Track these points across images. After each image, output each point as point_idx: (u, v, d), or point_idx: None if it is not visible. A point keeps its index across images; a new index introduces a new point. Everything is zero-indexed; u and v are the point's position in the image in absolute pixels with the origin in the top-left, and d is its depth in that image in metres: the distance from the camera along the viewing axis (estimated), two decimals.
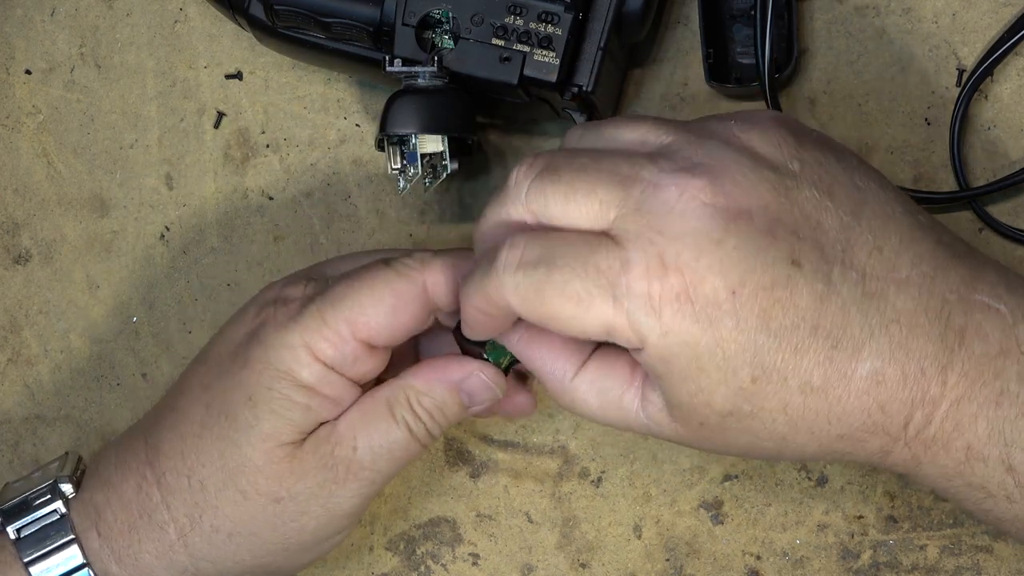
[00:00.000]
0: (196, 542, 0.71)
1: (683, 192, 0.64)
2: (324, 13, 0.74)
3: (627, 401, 0.68)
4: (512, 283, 0.65)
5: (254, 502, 0.71)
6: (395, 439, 0.71)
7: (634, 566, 0.80)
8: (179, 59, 0.83)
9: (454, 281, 0.70)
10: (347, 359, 0.69)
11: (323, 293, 0.70)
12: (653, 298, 0.63)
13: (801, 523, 0.79)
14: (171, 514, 0.71)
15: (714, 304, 0.63)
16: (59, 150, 0.84)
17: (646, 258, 0.63)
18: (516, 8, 0.73)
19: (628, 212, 0.64)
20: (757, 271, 0.63)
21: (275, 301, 0.71)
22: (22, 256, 0.84)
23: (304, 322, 0.69)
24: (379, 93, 0.81)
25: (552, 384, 0.70)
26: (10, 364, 0.84)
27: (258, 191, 0.83)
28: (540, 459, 0.81)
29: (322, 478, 0.70)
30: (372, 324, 0.69)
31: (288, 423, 0.70)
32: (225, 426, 0.70)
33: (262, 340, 0.70)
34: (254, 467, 0.70)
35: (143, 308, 0.83)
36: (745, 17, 0.78)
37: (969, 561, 0.78)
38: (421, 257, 0.70)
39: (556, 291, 0.64)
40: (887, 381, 0.64)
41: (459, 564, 0.81)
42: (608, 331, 0.64)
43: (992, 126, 0.78)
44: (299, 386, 0.69)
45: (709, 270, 0.63)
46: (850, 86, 0.79)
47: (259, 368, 0.70)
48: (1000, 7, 0.78)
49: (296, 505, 0.71)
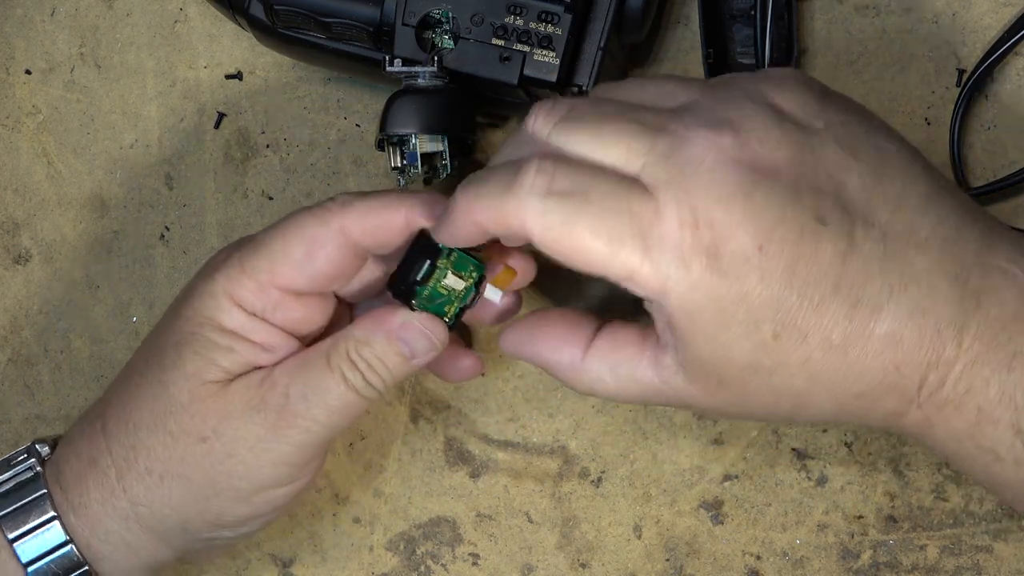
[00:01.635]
0: (132, 485, 0.72)
1: (711, 147, 0.64)
2: (324, 13, 0.74)
3: (641, 371, 0.68)
4: (539, 208, 0.64)
5: (181, 442, 0.71)
6: (329, 387, 0.70)
7: (634, 566, 0.80)
8: (179, 59, 0.83)
9: (379, 223, 0.70)
10: (268, 306, 0.71)
11: (245, 244, 0.71)
12: (684, 250, 0.63)
13: (801, 523, 0.79)
14: (112, 458, 0.72)
15: (742, 259, 0.63)
16: (59, 150, 0.84)
17: (679, 210, 0.63)
18: (516, 8, 0.73)
19: (658, 159, 0.64)
20: (784, 227, 0.64)
21: (214, 258, 0.73)
22: (22, 256, 0.84)
23: (226, 271, 0.71)
24: (379, 93, 0.81)
25: (564, 373, 0.69)
26: (10, 364, 0.84)
27: (258, 191, 0.83)
28: (540, 459, 0.81)
29: (248, 420, 0.70)
30: (288, 272, 0.70)
31: (210, 363, 0.71)
32: (156, 370, 0.71)
33: (193, 290, 0.72)
34: (179, 406, 0.71)
35: (143, 308, 0.83)
36: (745, 17, 0.78)
37: (969, 561, 0.78)
38: (344, 199, 0.70)
39: (587, 227, 0.64)
40: (904, 341, 0.65)
41: (459, 564, 0.81)
42: (631, 276, 0.64)
43: (992, 126, 0.78)
44: (222, 330, 0.71)
45: (739, 226, 0.63)
46: (850, 86, 0.79)
47: (186, 316, 0.71)
48: (1000, 7, 0.78)
49: (223, 446, 0.71)
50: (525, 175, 0.65)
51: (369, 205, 0.70)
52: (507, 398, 0.81)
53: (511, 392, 0.81)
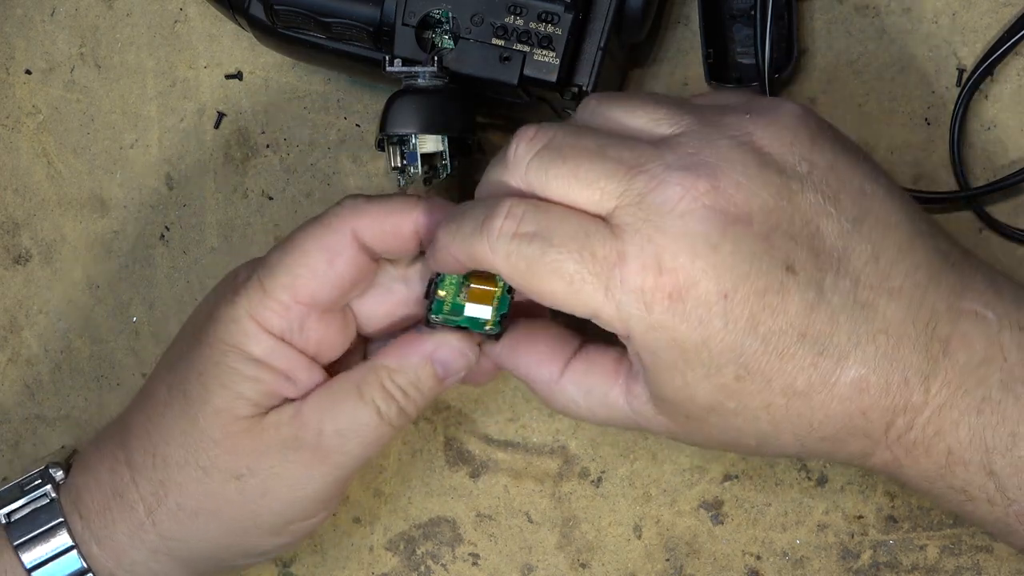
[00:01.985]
0: (163, 520, 0.71)
1: (685, 193, 0.64)
2: (324, 13, 0.74)
3: (613, 397, 0.68)
4: (504, 251, 0.65)
5: (214, 479, 0.70)
6: (364, 421, 0.70)
7: (634, 566, 0.80)
8: (179, 59, 0.83)
9: (388, 223, 0.70)
10: (294, 326, 0.70)
11: (264, 262, 0.70)
12: (645, 293, 0.64)
13: (801, 523, 0.79)
14: (139, 492, 0.71)
15: (705, 305, 0.64)
16: (59, 150, 0.84)
17: (642, 255, 0.64)
18: (516, 8, 0.73)
19: (629, 204, 0.64)
20: (751, 277, 0.64)
21: (230, 279, 0.72)
22: (22, 256, 0.84)
23: (247, 294, 0.69)
24: (379, 93, 0.81)
25: (540, 388, 0.70)
26: (10, 364, 0.84)
27: (258, 191, 0.83)
28: (540, 459, 0.81)
29: (283, 458, 0.70)
30: (310, 284, 0.69)
31: (239, 396, 0.70)
32: (183, 403, 0.70)
33: (214, 318, 0.70)
34: (211, 441, 0.70)
35: (143, 308, 0.83)
36: (745, 17, 0.78)
37: (969, 561, 0.78)
38: (352, 203, 0.70)
39: (548, 269, 0.64)
40: (870, 389, 0.65)
41: (459, 564, 0.81)
42: (595, 315, 0.65)
43: (992, 126, 0.78)
44: (248, 359, 0.69)
45: (703, 273, 0.63)
46: (850, 86, 0.79)
47: (210, 344, 0.70)
48: (1000, 7, 0.78)
49: (258, 483, 0.70)
50: (495, 219, 0.65)
51: (379, 210, 0.70)
52: (507, 398, 0.81)
53: (511, 392, 0.81)
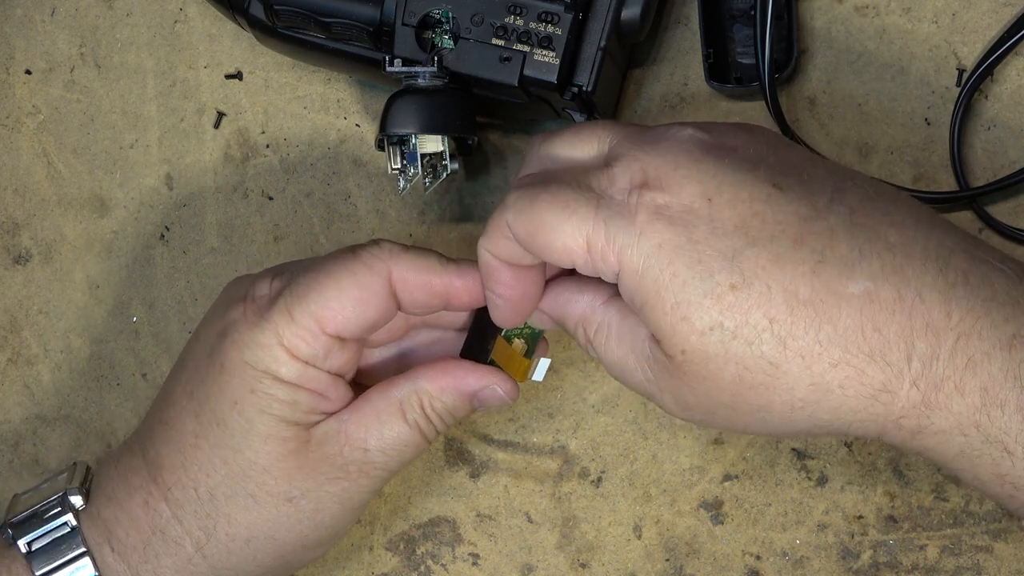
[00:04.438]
0: (214, 553, 0.71)
1: (675, 130, 0.65)
2: (324, 13, 0.74)
3: (640, 332, 0.67)
4: (513, 199, 0.66)
5: (266, 504, 0.70)
6: (407, 440, 0.71)
7: (634, 566, 0.80)
8: (179, 59, 0.83)
9: (421, 277, 0.70)
10: (319, 354, 0.69)
11: (290, 287, 0.70)
12: (631, 204, 0.64)
13: (801, 523, 0.79)
14: (184, 527, 0.71)
15: (689, 210, 0.63)
16: (59, 150, 0.84)
17: (629, 171, 0.64)
18: (516, 8, 0.73)
19: (622, 141, 0.66)
20: (735, 185, 0.63)
21: (244, 299, 0.71)
22: (22, 256, 0.84)
23: (274, 319, 0.69)
24: (379, 93, 0.81)
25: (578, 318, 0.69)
26: (10, 364, 0.84)
27: (258, 191, 0.83)
28: (540, 459, 0.81)
29: (332, 475, 0.71)
30: (339, 318, 0.69)
31: (279, 421, 0.69)
32: (220, 433, 0.70)
33: (235, 341, 0.70)
34: (260, 469, 0.70)
35: (143, 308, 0.83)
36: (745, 17, 0.78)
37: (969, 561, 0.78)
38: (390, 248, 0.70)
39: (547, 197, 0.65)
40: (881, 301, 0.62)
41: (459, 564, 0.81)
42: (587, 243, 0.64)
43: (992, 126, 0.78)
44: (281, 383, 0.69)
45: (686, 179, 0.64)
46: (850, 86, 0.79)
47: (238, 371, 0.69)
48: (1000, 7, 0.78)
49: (309, 502, 0.71)
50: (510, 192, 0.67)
51: (415, 261, 0.70)
52: None
53: None
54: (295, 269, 0.72)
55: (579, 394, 0.80)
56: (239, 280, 0.73)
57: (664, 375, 0.66)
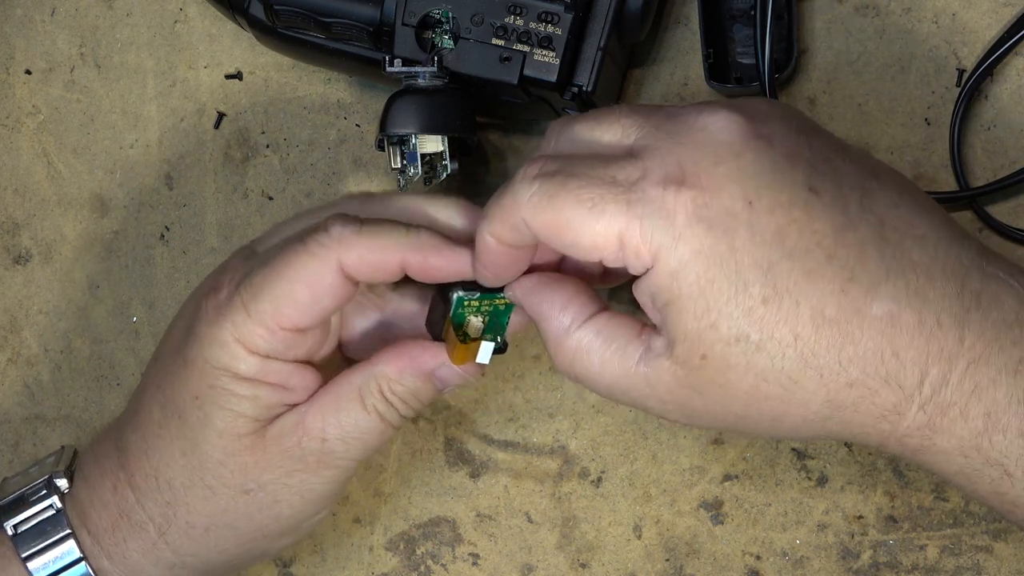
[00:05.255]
0: (176, 539, 0.72)
1: (708, 111, 0.64)
2: (324, 13, 0.74)
3: (631, 350, 0.65)
4: (527, 191, 0.64)
5: (223, 496, 0.71)
6: (366, 427, 0.70)
7: (634, 566, 0.80)
8: (179, 59, 0.83)
9: (374, 258, 0.68)
10: (279, 347, 0.69)
11: (245, 284, 0.69)
12: (668, 203, 0.62)
13: (801, 523, 0.79)
14: (147, 514, 0.71)
15: (730, 213, 0.62)
16: (59, 150, 0.84)
17: (664, 165, 0.63)
18: (516, 8, 0.73)
19: (650, 130, 0.64)
20: (775, 187, 0.62)
21: (209, 291, 0.71)
22: (22, 256, 0.84)
23: (231, 316, 0.69)
24: (379, 93, 0.81)
25: (554, 333, 0.67)
26: (10, 364, 0.84)
27: (258, 191, 0.83)
28: (540, 459, 0.81)
29: (290, 467, 0.70)
30: (293, 313, 0.68)
31: (238, 416, 0.69)
32: (180, 425, 0.70)
33: (197, 337, 0.70)
34: (216, 462, 0.70)
35: (143, 308, 0.83)
36: (745, 17, 0.78)
37: (969, 561, 0.78)
38: (339, 232, 0.68)
39: (570, 196, 0.63)
40: (902, 325, 0.62)
41: (459, 564, 0.81)
42: (620, 240, 0.63)
43: (992, 126, 0.78)
44: (240, 379, 0.69)
45: (727, 178, 0.62)
46: (850, 86, 0.79)
47: (199, 367, 0.69)
48: (1000, 7, 0.78)
49: (267, 495, 0.71)
50: (519, 172, 0.65)
51: (366, 245, 0.68)
52: (507, 398, 0.81)
53: (511, 392, 0.81)
54: (260, 249, 0.71)
55: (579, 394, 0.80)
56: (212, 278, 0.72)
57: (670, 385, 0.65)
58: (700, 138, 0.63)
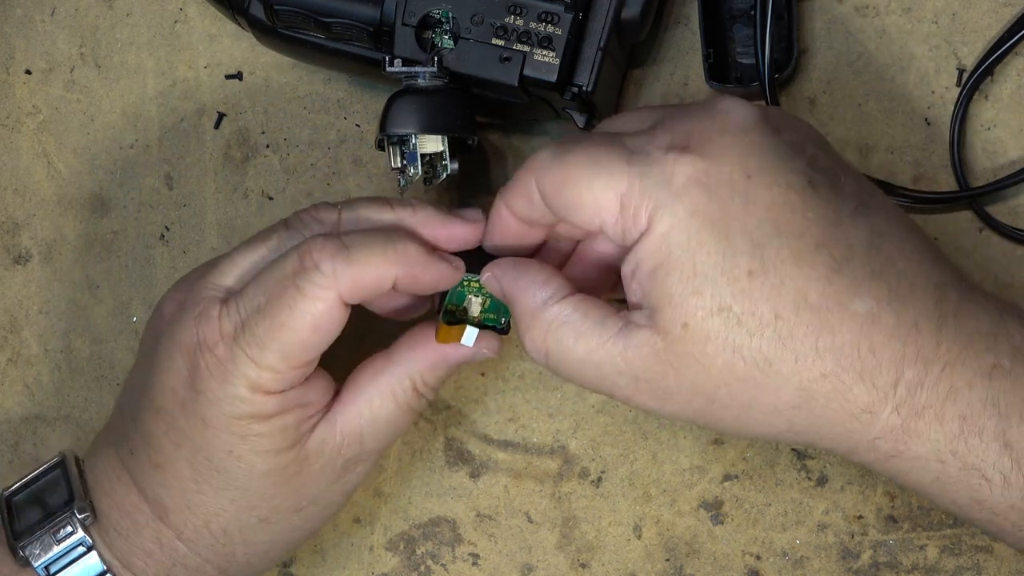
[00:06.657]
0: (237, 570, 0.73)
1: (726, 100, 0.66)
2: (324, 13, 0.74)
3: (610, 323, 0.65)
4: (542, 155, 0.66)
5: (279, 523, 0.72)
6: (400, 421, 0.73)
7: (634, 566, 0.80)
8: (179, 59, 0.83)
9: (371, 287, 0.69)
10: (293, 379, 0.70)
11: (245, 337, 0.69)
12: (668, 164, 0.64)
13: (801, 523, 0.79)
14: (203, 557, 0.72)
15: (728, 182, 0.64)
16: (59, 150, 0.84)
17: (672, 134, 0.65)
18: (516, 8, 0.73)
19: (669, 111, 0.67)
20: (775, 169, 0.64)
21: (199, 347, 0.69)
22: (22, 256, 0.84)
23: (241, 371, 0.69)
24: (379, 93, 0.81)
25: (530, 307, 0.67)
26: (10, 364, 0.84)
27: (258, 191, 0.83)
28: (540, 459, 0.81)
29: (334, 476, 0.72)
30: (303, 354, 0.69)
31: (277, 452, 0.70)
32: (221, 478, 0.71)
33: (210, 399, 0.69)
34: (268, 497, 0.71)
35: (143, 308, 0.83)
36: (745, 17, 0.78)
37: (969, 561, 0.78)
38: (331, 269, 0.68)
39: (577, 154, 0.65)
40: (881, 324, 0.63)
41: (459, 564, 0.81)
42: (620, 202, 0.64)
43: (992, 126, 0.78)
44: (267, 419, 0.70)
45: (730, 148, 0.64)
46: (850, 86, 0.79)
47: (224, 425, 0.69)
48: (1000, 7, 0.78)
49: (318, 506, 0.73)
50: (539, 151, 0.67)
51: (359, 271, 0.68)
52: (507, 398, 0.81)
53: (511, 392, 0.81)
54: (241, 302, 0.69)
55: (579, 394, 0.80)
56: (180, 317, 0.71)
57: (647, 359, 0.65)
58: (712, 115, 0.65)
